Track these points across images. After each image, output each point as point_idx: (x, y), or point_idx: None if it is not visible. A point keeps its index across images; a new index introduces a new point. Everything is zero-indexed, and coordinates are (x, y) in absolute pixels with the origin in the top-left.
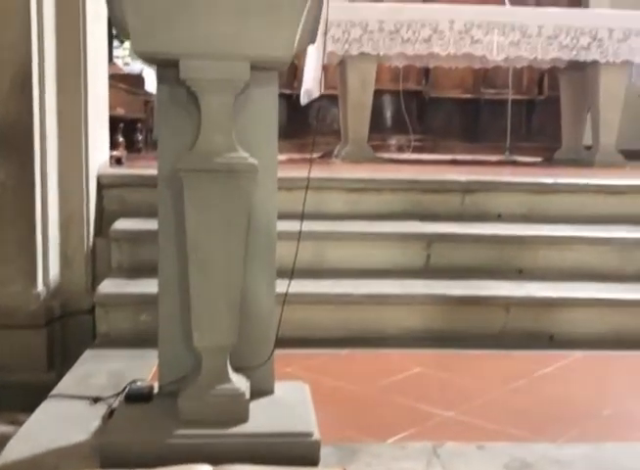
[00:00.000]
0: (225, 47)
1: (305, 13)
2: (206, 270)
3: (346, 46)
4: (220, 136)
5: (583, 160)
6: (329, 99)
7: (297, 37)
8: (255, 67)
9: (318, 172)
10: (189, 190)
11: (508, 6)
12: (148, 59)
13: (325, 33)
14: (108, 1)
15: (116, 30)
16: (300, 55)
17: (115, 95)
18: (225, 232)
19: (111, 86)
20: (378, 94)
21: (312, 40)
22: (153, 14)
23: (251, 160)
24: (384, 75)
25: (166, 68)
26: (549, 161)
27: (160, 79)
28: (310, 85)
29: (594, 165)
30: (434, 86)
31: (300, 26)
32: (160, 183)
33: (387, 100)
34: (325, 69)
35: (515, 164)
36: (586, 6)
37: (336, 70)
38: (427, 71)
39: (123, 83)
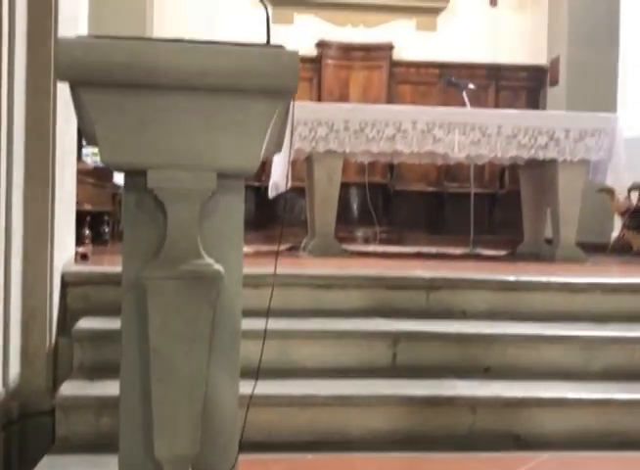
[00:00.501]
0: (193, 159)
1: (271, 126)
2: (169, 379)
3: (313, 143)
4: (186, 243)
5: (545, 254)
6: (297, 191)
7: (264, 149)
8: (222, 175)
9: (284, 268)
10: (153, 297)
11: (468, 107)
12: (115, 168)
13: (292, 132)
14: (77, 112)
15: (85, 139)
16: None
17: (83, 190)
18: (189, 340)
19: (78, 181)
20: (344, 187)
21: (278, 150)
22: (121, 126)
23: (217, 266)
24: (350, 169)
25: (134, 175)
26: (512, 254)
27: (128, 186)
28: (278, 179)
29: (555, 261)
30: (399, 179)
31: (267, 139)
32: (125, 288)
33: (353, 192)
34: (292, 163)
35: (479, 257)
36: (544, 108)
37: (303, 163)
38: (392, 165)
39: (91, 177)
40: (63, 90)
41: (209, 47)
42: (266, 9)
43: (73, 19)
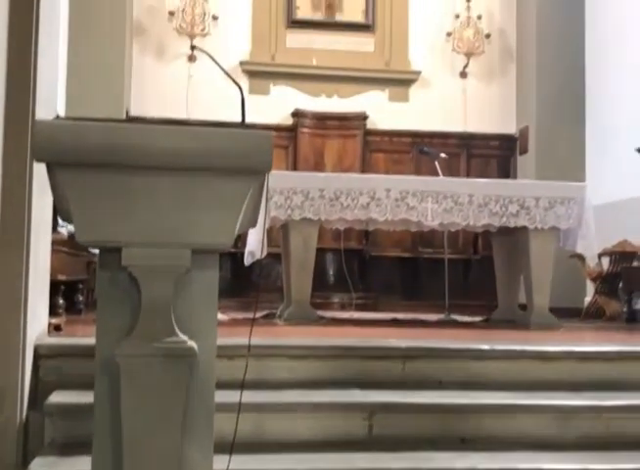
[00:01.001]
0: (167, 237)
1: (246, 203)
2: (141, 457)
3: (289, 211)
4: (160, 321)
5: (519, 321)
6: (273, 256)
7: (238, 225)
8: (197, 251)
9: (259, 338)
10: (126, 375)
11: (441, 176)
12: (90, 245)
13: (267, 202)
14: (53, 190)
15: (60, 216)
16: None
17: (57, 259)
18: (162, 418)
19: (53, 251)
20: (320, 252)
21: (252, 225)
22: (96, 205)
23: (190, 343)
24: (326, 235)
25: (108, 252)
26: (487, 321)
27: (102, 263)
28: (254, 247)
29: (530, 327)
30: (375, 245)
31: (241, 216)
32: (98, 366)
33: (329, 258)
34: (268, 229)
35: (454, 324)
36: (514, 175)
37: (279, 230)
38: (367, 231)
39: (66, 246)
40: (39, 167)
41: (183, 129)
42: (241, 91)
43: (51, 100)
